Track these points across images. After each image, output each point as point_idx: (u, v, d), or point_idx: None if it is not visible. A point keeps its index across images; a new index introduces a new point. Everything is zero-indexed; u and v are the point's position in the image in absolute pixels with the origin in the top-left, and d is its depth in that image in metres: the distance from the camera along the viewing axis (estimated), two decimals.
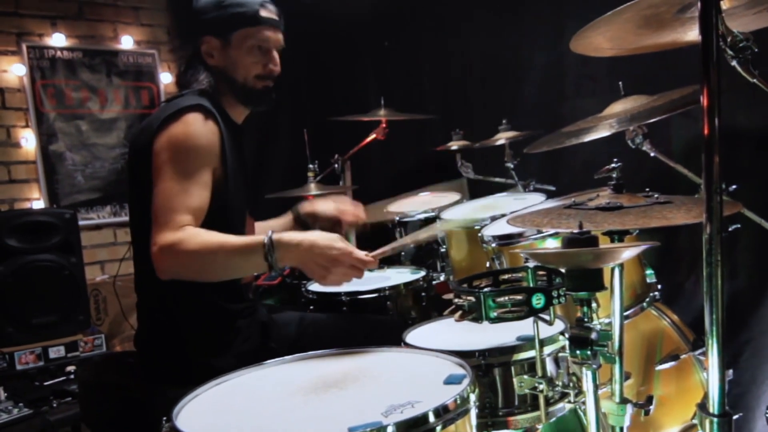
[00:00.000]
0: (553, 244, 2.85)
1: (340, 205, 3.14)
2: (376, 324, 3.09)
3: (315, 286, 3.65)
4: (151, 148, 2.58)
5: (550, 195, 3.94)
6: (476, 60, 5.58)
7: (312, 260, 2.46)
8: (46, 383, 4.87)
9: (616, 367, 2.00)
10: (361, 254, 2.51)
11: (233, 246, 2.47)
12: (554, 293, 1.86)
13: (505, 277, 2.14)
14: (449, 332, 2.59)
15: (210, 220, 2.56)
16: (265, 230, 2.51)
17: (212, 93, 2.81)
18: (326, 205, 3.21)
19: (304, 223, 3.25)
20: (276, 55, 2.91)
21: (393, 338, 2.46)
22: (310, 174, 5.09)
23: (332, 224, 3.20)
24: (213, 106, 2.71)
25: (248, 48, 2.83)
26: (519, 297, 1.85)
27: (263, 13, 2.83)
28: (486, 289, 1.89)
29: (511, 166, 4.59)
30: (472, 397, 1.80)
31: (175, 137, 2.56)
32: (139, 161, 2.65)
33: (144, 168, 2.60)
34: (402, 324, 2.62)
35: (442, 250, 4.17)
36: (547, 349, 2.22)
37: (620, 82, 2.98)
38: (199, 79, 2.83)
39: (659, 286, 3.08)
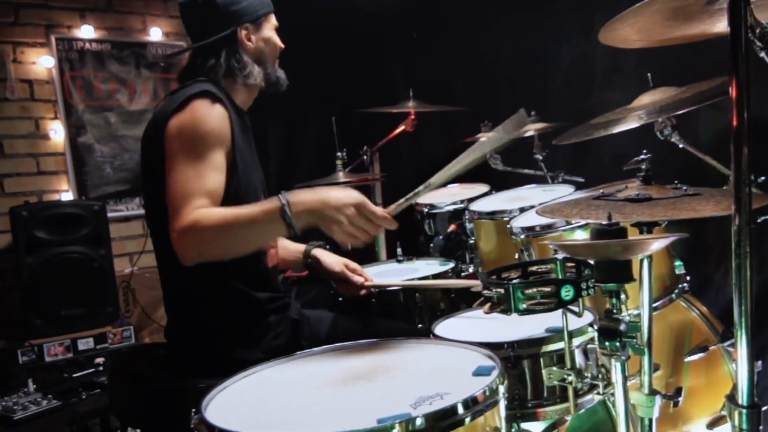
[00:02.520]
0: (581, 236, 2.85)
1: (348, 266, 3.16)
2: (409, 332, 3.08)
3: None
4: (162, 139, 2.58)
5: (578, 186, 3.94)
6: (505, 51, 5.57)
7: (328, 214, 2.40)
8: (75, 375, 4.92)
9: (645, 358, 2.00)
10: (377, 209, 2.48)
11: (250, 214, 2.44)
12: (583, 285, 1.86)
13: (534, 268, 2.14)
14: (478, 324, 2.60)
15: (224, 205, 2.54)
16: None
17: (218, 81, 2.82)
18: (333, 260, 3.21)
19: (310, 265, 3.28)
20: None
21: None
22: (339, 162, 5.06)
23: (336, 280, 3.21)
24: (219, 91, 2.73)
25: (270, 32, 2.96)
26: (548, 289, 1.85)
27: None
28: (515, 281, 1.89)
29: (540, 157, 4.59)
30: (501, 389, 1.81)
31: (184, 125, 2.56)
32: (151, 153, 2.66)
33: (156, 160, 2.59)
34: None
35: (471, 241, 4.17)
36: (576, 341, 2.23)
37: (649, 74, 2.98)
38: (207, 66, 2.84)
39: (688, 278, 3.07)
